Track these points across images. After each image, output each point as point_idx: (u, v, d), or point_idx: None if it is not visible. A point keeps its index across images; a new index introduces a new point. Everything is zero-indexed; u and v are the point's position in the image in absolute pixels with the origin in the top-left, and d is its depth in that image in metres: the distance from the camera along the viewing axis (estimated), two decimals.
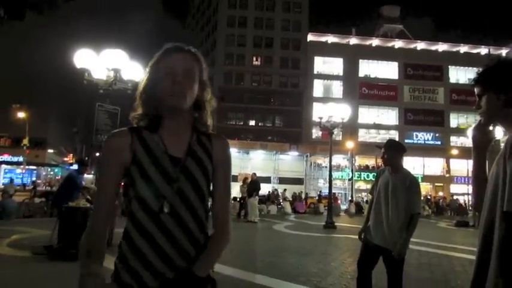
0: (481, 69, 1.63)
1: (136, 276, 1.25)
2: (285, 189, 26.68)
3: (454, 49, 51.93)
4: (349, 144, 33.80)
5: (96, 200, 1.37)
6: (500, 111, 1.54)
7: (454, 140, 47.63)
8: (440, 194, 41.05)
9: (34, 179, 41.63)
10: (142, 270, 1.24)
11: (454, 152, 42.26)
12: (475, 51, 51.11)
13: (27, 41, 48.91)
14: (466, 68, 47.03)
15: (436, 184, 46.39)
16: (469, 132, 1.78)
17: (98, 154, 9.29)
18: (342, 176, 40.15)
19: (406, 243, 3.45)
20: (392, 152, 3.64)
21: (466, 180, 38.50)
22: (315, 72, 49.99)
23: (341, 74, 49.79)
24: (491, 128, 1.72)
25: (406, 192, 3.47)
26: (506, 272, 1.30)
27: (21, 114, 37.68)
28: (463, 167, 39.80)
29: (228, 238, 1.38)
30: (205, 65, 1.39)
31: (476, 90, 1.64)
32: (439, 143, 48.25)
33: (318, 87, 49.48)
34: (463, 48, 51.98)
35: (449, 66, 50.12)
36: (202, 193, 1.32)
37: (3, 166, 46.41)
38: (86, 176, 9.35)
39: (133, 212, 1.27)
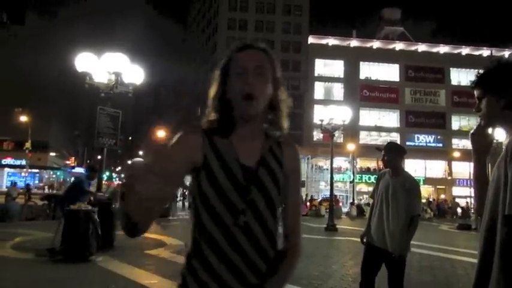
0: (481, 71, 1.63)
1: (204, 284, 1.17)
2: None
3: (456, 51, 51.91)
4: (351, 147, 33.82)
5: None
6: (501, 114, 1.54)
7: (456, 143, 47.54)
8: (442, 196, 40.94)
9: (30, 182, 41.74)
10: (212, 283, 1.16)
11: (456, 154, 42.16)
12: (477, 53, 51.07)
13: (29, 45, 49.12)
14: (468, 69, 46.92)
15: (438, 187, 46.28)
16: (469, 136, 1.79)
17: (99, 157, 9.30)
18: (343, 179, 40.16)
19: (407, 245, 3.47)
20: (393, 154, 3.66)
21: (468, 182, 38.39)
22: (316, 74, 50.04)
23: (342, 76, 49.82)
24: (490, 130, 1.73)
25: (407, 194, 3.48)
26: (508, 276, 1.29)
27: (23, 118, 37.81)
28: (465, 169, 39.68)
29: (300, 252, 1.32)
30: (277, 62, 1.29)
31: (476, 92, 1.63)
32: (440, 145, 48.17)
33: (318, 90, 49.50)
34: (465, 50, 51.95)
35: (451, 68, 50.08)
36: (274, 205, 1.24)
37: (6, 169, 46.58)
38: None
39: (202, 222, 1.19)
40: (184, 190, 25.64)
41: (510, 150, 1.38)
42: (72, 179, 13.79)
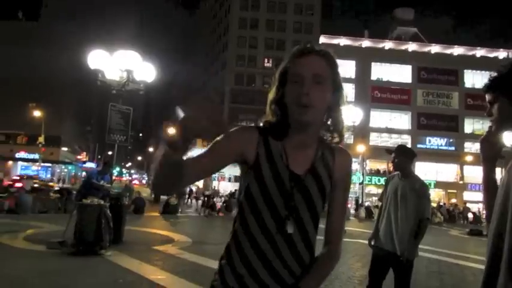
0: (493, 75, 1.59)
1: (241, 282, 1.22)
2: None
3: (470, 52, 51.16)
4: (360, 148, 33.59)
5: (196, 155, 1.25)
6: None
7: (469, 146, 46.87)
8: (453, 201, 40.45)
9: (49, 176, 42.30)
10: (249, 278, 1.21)
11: (469, 158, 41.58)
12: (492, 55, 50.28)
13: (43, 41, 49.77)
14: (483, 72, 46.16)
15: (449, 191, 45.73)
16: (478, 145, 1.77)
17: (110, 152, 9.43)
18: (352, 180, 39.87)
19: (415, 249, 3.45)
20: (403, 157, 3.65)
21: (481, 187, 37.85)
22: None
23: (353, 76, 49.49)
24: (500, 137, 1.71)
25: (416, 197, 3.47)
26: None
27: (37, 113, 38.36)
28: (478, 173, 38.86)
29: (338, 257, 1.34)
30: (338, 66, 1.27)
31: (487, 97, 1.60)
32: (452, 148, 47.57)
33: None
34: (480, 52, 51.17)
35: (465, 70, 49.37)
36: (317, 215, 1.26)
37: (20, 163, 47.31)
38: None
39: (246, 219, 1.23)
40: (191, 188, 25.76)
41: None
42: (84, 173, 13.99)
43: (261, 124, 1.30)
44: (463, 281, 6.68)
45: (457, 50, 51.42)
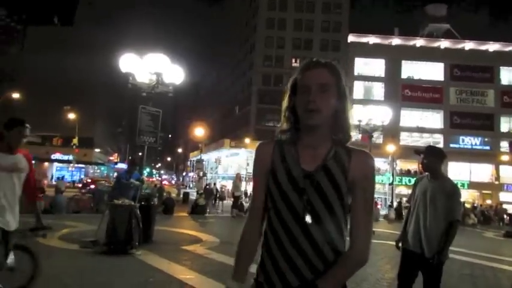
0: None
1: (268, 279, 1.37)
2: None
3: (507, 49, 49.10)
4: (390, 148, 32.91)
5: (249, 212, 1.51)
6: None
7: (505, 145, 45.01)
8: (488, 202, 38.94)
9: (76, 177, 43.71)
10: (273, 272, 1.35)
11: (505, 158, 39.95)
12: None
13: (77, 46, 51.52)
14: None
15: (484, 191, 44.04)
16: None
17: (140, 154, 9.68)
18: (382, 181, 39.15)
19: (446, 251, 3.37)
20: (432, 158, 3.57)
21: None
22: (356, 73, 49.03)
23: (383, 75, 48.54)
24: None
25: (446, 198, 3.39)
26: None
27: (71, 116, 39.81)
28: None
29: (363, 258, 1.36)
30: (343, 75, 1.42)
31: None
32: (487, 148, 45.80)
33: (358, 89, 48.44)
34: None
35: (501, 67, 47.47)
36: (331, 207, 1.33)
37: (55, 164, 49.21)
38: None
39: (270, 218, 1.39)
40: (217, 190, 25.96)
41: None
42: (115, 174, 14.40)
43: (279, 132, 1.49)
44: (497, 285, 6.45)
45: (493, 46, 49.46)
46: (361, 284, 5.77)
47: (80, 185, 32.77)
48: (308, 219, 1.31)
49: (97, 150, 55.51)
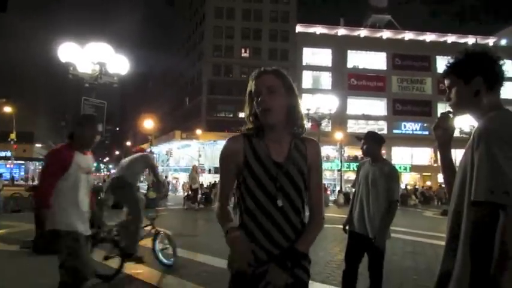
0: (450, 60, 1.66)
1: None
2: None
3: (442, 39, 52.30)
4: (338, 135, 34.05)
5: (219, 196, 1.73)
6: (470, 101, 1.58)
7: (432, 131, 48.15)
8: (428, 183, 41.62)
9: (15, 174, 41.13)
10: (255, 247, 1.58)
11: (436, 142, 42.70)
12: (462, 40, 51.55)
13: (11, 34, 47.98)
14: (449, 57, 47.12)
15: (424, 174, 47.01)
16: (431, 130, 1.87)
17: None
18: (331, 167, 40.52)
19: (386, 230, 3.55)
20: (371, 142, 3.74)
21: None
22: (304, 63, 50.02)
23: (330, 65, 49.91)
24: (451, 122, 1.80)
25: (385, 181, 3.56)
26: (475, 260, 1.34)
27: (7, 109, 37.14)
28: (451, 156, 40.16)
29: (321, 222, 1.73)
30: (289, 79, 1.66)
31: (446, 82, 1.67)
32: (426, 133, 48.77)
33: (307, 79, 49.52)
34: (451, 38, 52.39)
35: (437, 56, 50.48)
36: (300, 189, 1.64)
37: None
38: None
39: (246, 204, 1.62)
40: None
41: (476, 138, 1.43)
42: None
43: (245, 130, 1.70)
44: (436, 260, 6.90)
45: (429, 37, 52.47)
46: (313, 267, 5.93)
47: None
48: (280, 201, 1.59)
49: (38, 145, 52.39)
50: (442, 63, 45.52)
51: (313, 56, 50.49)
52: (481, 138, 1.40)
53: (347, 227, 3.83)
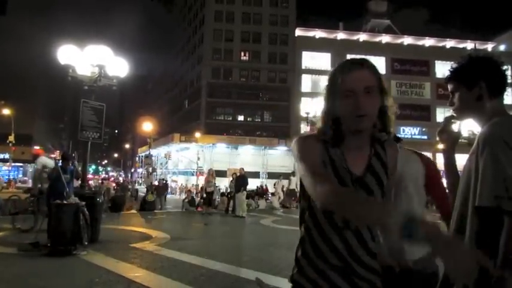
0: (454, 65, 1.66)
1: (321, 272, 1.35)
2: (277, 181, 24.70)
3: (441, 44, 52.48)
4: None
5: (317, 180, 1.32)
6: (473, 106, 1.57)
7: (437, 135, 48.22)
8: None
9: (14, 176, 41.05)
10: (328, 269, 1.34)
11: (441, 146, 42.56)
12: (461, 45, 51.74)
13: (10, 36, 48.03)
14: (452, 63, 47.07)
15: None
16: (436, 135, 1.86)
17: (82, 150, 9.26)
18: None
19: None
20: None
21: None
22: (303, 67, 50.10)
23: (329, 68, 49.54)
24: (456, 126, 1.79)
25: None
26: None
27: (6, 111, 37.10)
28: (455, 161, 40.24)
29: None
30: (381, 74, 1.41)
31: (449, 86, 1.67)
32: (425, 137, 48.84)
33: (306, 82, 49.61)
34: (449, 43, 52.57)
35: (436, 61, 50.65)
36: None
37: None
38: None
39: (318, 219, 1.37)
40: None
41: (481, 143, 1.42)
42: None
43: (318, 134, 1.42)
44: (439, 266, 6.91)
45: (428, 42, 52.64)
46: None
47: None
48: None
49: (37, 147, 52.29)
50: (441, 68, 45.76)
51: (312, 59, 50.59)
52: (486, 144, 1.40)
53: None
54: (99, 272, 5.49)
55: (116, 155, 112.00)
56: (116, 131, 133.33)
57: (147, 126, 31.48)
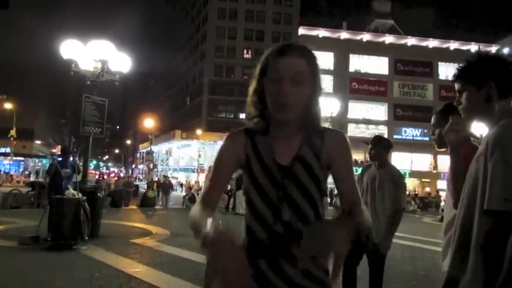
0: (461, 65, 1.62)
1: (259, 270, 1.26)
2: None
3: (444, 45, 52.33)
4: None
5: (205, 191, 1.40)
6: (481, 107, 1.53)
7: (444, 136, 48.08)
8: (427, 189, 41.58)
9: (15, 171, 41.15)
10: (265, 265, 1.26)
11: (442, 148, 42.67)
12: (465, 47, 51.56)
13: (13, 31, 48.02)
14: (456, 64, 46.92)
15: (423, 180, 46.96)
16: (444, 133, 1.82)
17: (84, 145, 9.30)
18: None
19: (390, 237, 3.54)
20: (379, 147, 3.72)
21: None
22: None
23: (332, 68, 49.93)
24: (467, 125, 1.75)
25: (393, 187, 3.54)
26: (488, 269, 1.31)
27: (7, 105, 37.16)
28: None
29: (366, 215, 1.32)
30: (317, 62, 1.28)
31: (457, 86, 1.62)
32: (427, 139, 48.69)
33: None
34: (453, 45, 52.40)
35: (439, 63, 50.53)
36: (312, 197, 1.28)
37: None
38: None
39: (248, 214, 1.31)
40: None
41: (491, 145, 1.37)
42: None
43: (248, 122, 1.36)
44: (434, 266, 6.87)
45: (432, 43, 52.49)
46: None
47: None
48: (287, 214, 1.25)
49: (38, 142, 52.38)
50: (444, 69, 45.60)
51: None
52: (496, 146, 1.36)
53: None
54: (99, 266, 5.49)
55: (117, 151, 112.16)
56: (118, 127, 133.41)
57: (149, 122, 31.54)
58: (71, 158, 8.38)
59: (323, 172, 1.30)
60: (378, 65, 50.64)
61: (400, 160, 43.85)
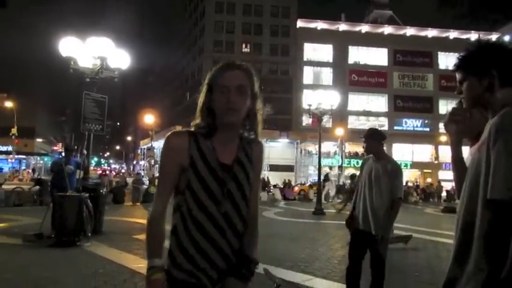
0: (462, 53, 1.58)
1: (195, 264, 1.47)
2: None
3: (444, 35, 51.98)
4: (339, 131, 34.01)
5: (155, 196, 1.55)
6: (482, 96, 1.51)
7: (443, 127, 48.01)
8: (429, 180, 41.61)
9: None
10: (200, 259, 1.47)
11: (443, 138, 42.54)
12: (464, 36, 51.23)
13: (12, 29, 47.83)
14: (455, 54, 46.79)
15: (425, 171, 46.93)
16: (443, 126, 1.78)
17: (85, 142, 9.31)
18: (332, 163, 40.49)
19: (389, 227, 3.55)
20: (372, 140, 3.72)
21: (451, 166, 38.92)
22: (305, 59, 49.81)
23: (331, 60, 49.74)
24: (464, 117, 1.72)
25: (389, 177, 3.55)
26: (492, 258, 1.30)
27: (8, 104, 37.15)
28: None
29: (258, 232, 1.69)
30: (257, 78, 1.56)
31: (457, 75, 1.59)
32: (427, 129, 48.68)
33: (307, 74, 49.39)
34: (453, 34, 52.03)
35: (439, 52, 50.26)
36: (245, 194, 1.56)
37: None
38: None
39: (190, 208, 1.48)
40: None
41: (493, 134, 1.35)
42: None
43: (192, 128, 1.55)
44: (437, 257, 6.93)
45: (431, 33, 52.16)
46: (313, 262, 5.98)
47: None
48: (228, 205, 1.49)
49: (39, 140, 52.41)
50: (444, 59, 45.27)
51: (314, 51, 50.28)
52: (499, 134, 1.34)
53: (350, 223, 3.82)
54: (102, 262, 5.53)
55: (117, 148, 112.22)
56: (118, 124, 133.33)
57: (149, 118, 31.54)
58: (78, 156, 8.42)
59: (252, 172, 1.59)
60: (377, 56, 50.39)
61: (401, 151, 43.98)
